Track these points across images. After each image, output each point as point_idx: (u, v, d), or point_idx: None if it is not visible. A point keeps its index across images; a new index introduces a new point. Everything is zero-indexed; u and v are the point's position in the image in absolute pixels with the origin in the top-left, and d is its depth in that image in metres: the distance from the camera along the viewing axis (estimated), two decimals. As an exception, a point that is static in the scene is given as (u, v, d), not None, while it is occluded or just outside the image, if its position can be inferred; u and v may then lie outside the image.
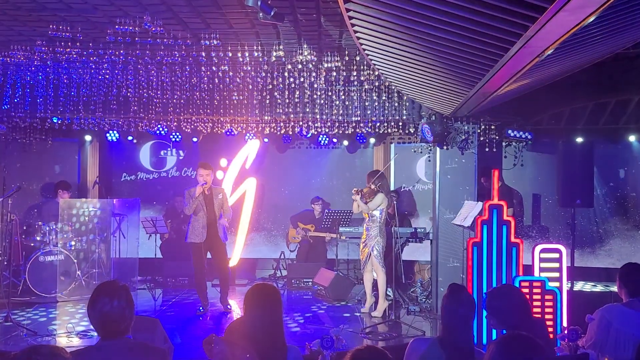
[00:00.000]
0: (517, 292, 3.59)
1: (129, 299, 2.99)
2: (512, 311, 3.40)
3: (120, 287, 3.00)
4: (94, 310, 2.90)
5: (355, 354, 2.44)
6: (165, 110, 8.35)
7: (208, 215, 7.68)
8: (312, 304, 8.67)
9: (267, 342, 3.35)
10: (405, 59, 5.10)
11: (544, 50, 3.95)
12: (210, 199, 7.72)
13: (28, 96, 8.12)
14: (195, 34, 6.00)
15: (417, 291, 9.13)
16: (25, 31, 6.05)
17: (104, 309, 2.88)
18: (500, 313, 3.42)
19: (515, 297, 3.49)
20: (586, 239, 9.79)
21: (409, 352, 3.48)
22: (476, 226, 6.48)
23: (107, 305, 2.87)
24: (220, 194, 7.87)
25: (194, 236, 7.72)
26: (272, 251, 11.05)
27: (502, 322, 3.43)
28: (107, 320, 2.91)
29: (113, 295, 2.91)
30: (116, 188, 11.11)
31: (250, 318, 3.42)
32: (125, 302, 2.94)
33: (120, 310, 2.91)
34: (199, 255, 7.77)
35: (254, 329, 3.36)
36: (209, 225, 7.69)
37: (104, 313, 2.88)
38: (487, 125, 8.01)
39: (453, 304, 3.38)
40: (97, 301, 2.89)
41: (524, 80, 5.40)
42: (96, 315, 2.91)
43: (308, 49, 6.22)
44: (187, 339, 6.53)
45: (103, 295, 2.91)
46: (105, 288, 2.99)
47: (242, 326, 3.46)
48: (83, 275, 8.96)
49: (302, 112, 8.42)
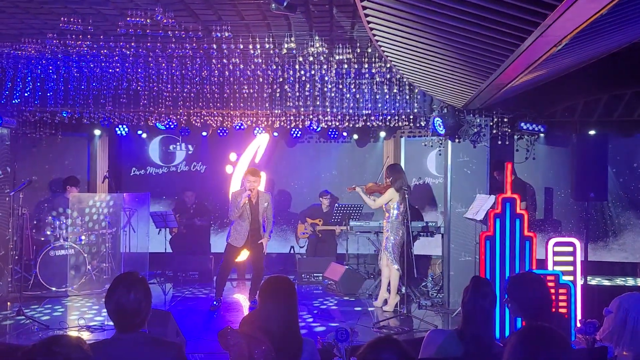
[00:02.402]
0: (539, 279, 3.55)
1: (146, 291, 2.95)
2: (534, 297, 3.35)
3: (138, 279, 2.97)
4: (111, 302, 2.88)
5: (371, 344, 2.41)
6: (175, 104, 8.32)
7: (252, 222, 7.65)
8: (323, 298, 8.65)
9: (283, 334, 3.33)
10: (418, 49, 5.05)
11: (561, 40, 3.89)
12: (256, 205, 7.67)
13: (38, 90, 8.10)
14: (206, 27, 5.96)
15: (428, 286, 9.08)
16: (37, 24, 6.03)
17: (121, 301, 2.85)
18: (521, 298, 3.37)
19: (538, 284, 3.45)
20: (599, 233, 9.70)
21: (426, 343, 3.46)
22: (489, 220, 6.42)
23: (124, 297, 2.84)
24: (267, 202, 7.76)
25: (234, 239, 7.73)
26: (282, 246, 11.04)
27: (521, 308, 3.38)
28: (123, 313, 2.88)
29: (130, 288, 2.88)
30: (125, 182, 11.13)
31: (265, 310, 3.39)
32: (142, 295, 2.90)
33: (137, 303, 2.88)
34: (232, 255, 7.85)
35: (269, 322, 3.33)
36: (252, 231, 7.65)
37: (120, 305, 2.85)
38: (499, 118, 7.93)
39: (476, 297, 3.35)
40: (115, 292, 2.87)
41: (539, 72, 5.33)
42: (113, 307, 2.89)
43: (319, 40, 6.17)
44: (200, 333, 6.53)
45: (121, 287, 2.88)
46: (123, 280, 2.96)
47: (257, 318, 3.43)
48: (93, 270, 8.97)
49: (312, 106, 8.38)
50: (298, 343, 3.39)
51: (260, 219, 7.72)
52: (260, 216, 7.71)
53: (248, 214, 7.62)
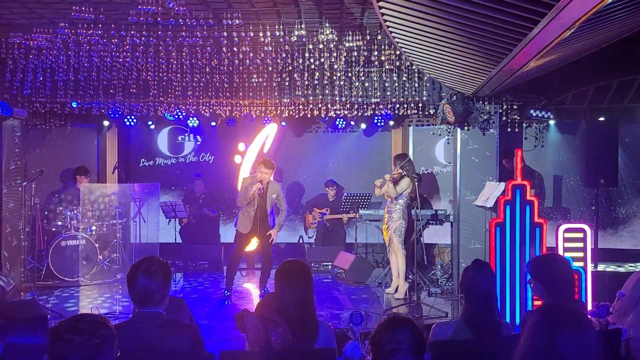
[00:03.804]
0: (564, 260, 3.57)
1: (165, 269, 3.20)
2: (558, 277, 3.36)
3: (159, 261, 3.22)
4: (133, 279, 3.11)
5: (385, 324, 2.44)
6: (185, 94, 8.33)
7: (259, 209, 7.61)
8: (332, 286, 8.69)
9: (299, 316, 3.36)
10: (430, 35, 5.04)
11: (575, 22, 3.88)
12: (264, 194, 7.63)
13: (49, 80, 8.13)
14: (216, 15, 5.96)
15: (438, 274, 9.11)
16: (48, 14, 6.05)
17: (141, 280, 3.08)
18: (545, 278, 3.39)
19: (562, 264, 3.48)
20: (609, 220, 9.68)
21: (433, 337, 3.45)
22: (499, 206, 6.41)
23: (146, 271, 3.10)
24: (275, 193, 7.72)
25: (240, 225, 7.75)
26: (291, 236, 11.07)
27: (545, 287, 3.39)
28: (144, 291, 3.11)
29: (151, 264, 3.14)
30: (135, 173, 11.16)
31: (281, 293, 3.42)
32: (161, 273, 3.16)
33: (157, 283, 3.14)
34: (241, 243, 7.85)
35: (285, 304, 3.37)
36: (259, 219, 7.62)
37: (141, 283, 3.09)
38: (509, 105, 7.92)
39: (477, 278, 3.37)
40: (138, 268, 3.13)
41: (550, 56, 5.32)
42: (134, 286, 3.11)
43: (329, 28, 6.16)
44: (211, 321, 6.58)
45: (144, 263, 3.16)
46: (144, 261, 3.19)
47: (273, 301, 3.46)
48: (104, 260, 9.04)
49: (321, 94, 8.38)
50: (314, 325, 3.42)
51: (267, 208, 7.69)
52: (268, 205, 7.68)
53: (256, 201, 7.62)
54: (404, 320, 2.54)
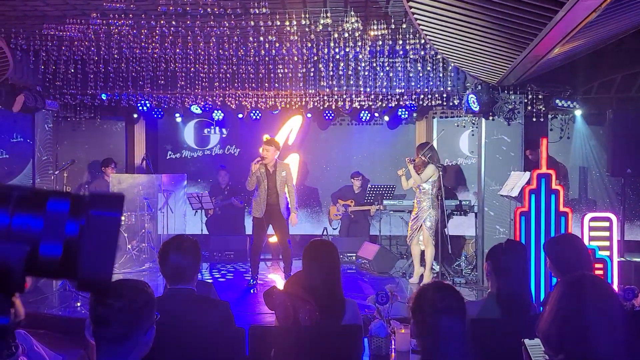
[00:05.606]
0: (573, 237, 3.59)
1: (195, 246, 3.26)
2: (569, 255, 3.39)
3: (189, 238, 3.31)
4: (165, 256, 3.18)
5: (430, 288, 2.47)
6: (211, 85, 8.45)
7: (269, 191, 7.62)
8: (356, 277, 8.75)
9: (326, 294, 3.43)
10: (455, 21, 5.08)
11: (601, 4, 3.89)
12: (273, 174, 7.64)
13: (79, 72, 8.30)
14: (243, 4, 6.06)
15: (462, 265, 9.12)
16: (80, 5, 6.20)
17: (173, 256, 3.15)
18: (557, 257, 3.41)
19: (571, 242, 3.49)
20: (636, 212, 9.57)
21: None
22: (524, 195, 6.41)
23: (177, 255, 3.15)
24: (284, 171, 7.73)
25: (254, 210, 7.77)
26: (315, 227, 11.15)
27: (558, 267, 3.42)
28: (176, 268, 3.17)
29: (181, 243, 3.21)
30: (161, 166, 11.34)
31: (309, 271, 3.50)
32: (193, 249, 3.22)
33: (189, 260, 3.20)
34: (258, 228, 7.82)
35: (312, 281, 3.44)
36: (270, 201, 7.63)
37: (173, 260, 3.15)
38: (534, 95, 7.89)
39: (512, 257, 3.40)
40: (170, 245, 3.21)
41: (576, 42, 5.31)
42: (166, 262, 3.17)
43: (355, 16, 6.22)
44: (238, 307, 6.69)
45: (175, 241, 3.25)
46: (174, 239, 3.29)
47: (301, 278, 3.55)
48: (133, 249, 9.22)
49: (345, 85, 8.44)
50: (341, 303, 3.49)
51: (278, 189, 7.63)
52: (278, 186, 7.63)
53: (264, 180, 7.61)
54: (448, 286, 2.58)
